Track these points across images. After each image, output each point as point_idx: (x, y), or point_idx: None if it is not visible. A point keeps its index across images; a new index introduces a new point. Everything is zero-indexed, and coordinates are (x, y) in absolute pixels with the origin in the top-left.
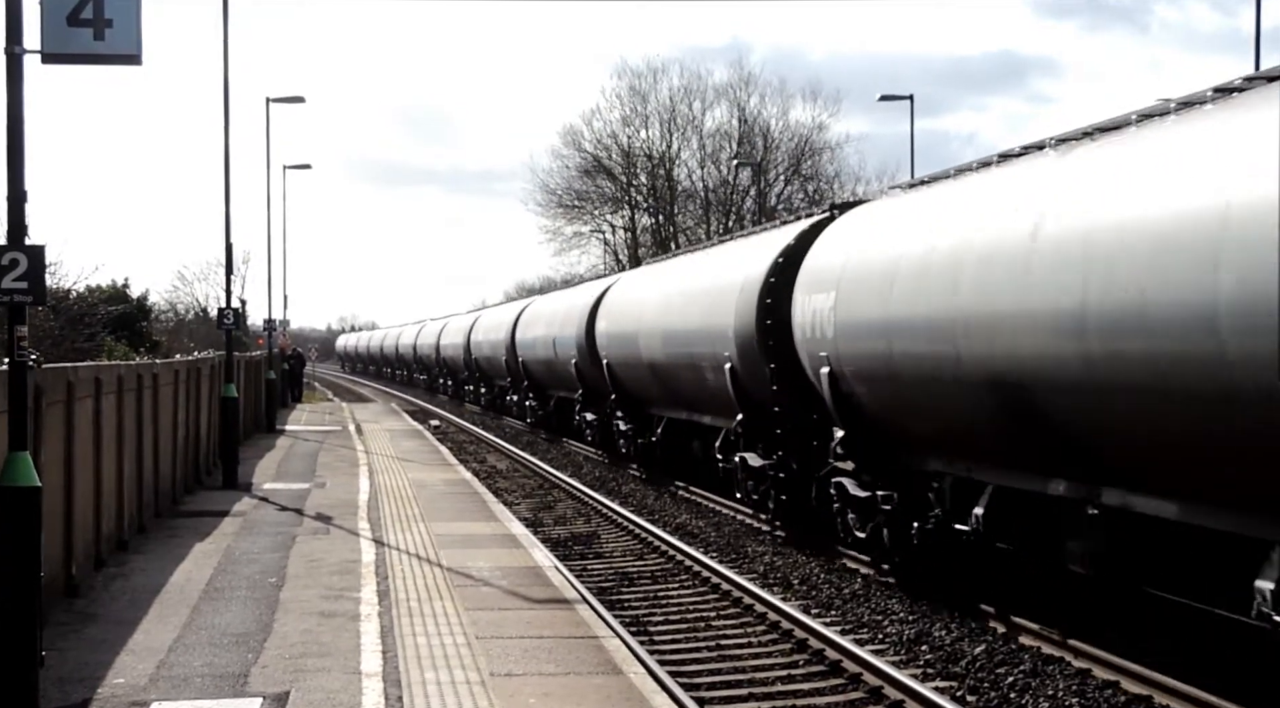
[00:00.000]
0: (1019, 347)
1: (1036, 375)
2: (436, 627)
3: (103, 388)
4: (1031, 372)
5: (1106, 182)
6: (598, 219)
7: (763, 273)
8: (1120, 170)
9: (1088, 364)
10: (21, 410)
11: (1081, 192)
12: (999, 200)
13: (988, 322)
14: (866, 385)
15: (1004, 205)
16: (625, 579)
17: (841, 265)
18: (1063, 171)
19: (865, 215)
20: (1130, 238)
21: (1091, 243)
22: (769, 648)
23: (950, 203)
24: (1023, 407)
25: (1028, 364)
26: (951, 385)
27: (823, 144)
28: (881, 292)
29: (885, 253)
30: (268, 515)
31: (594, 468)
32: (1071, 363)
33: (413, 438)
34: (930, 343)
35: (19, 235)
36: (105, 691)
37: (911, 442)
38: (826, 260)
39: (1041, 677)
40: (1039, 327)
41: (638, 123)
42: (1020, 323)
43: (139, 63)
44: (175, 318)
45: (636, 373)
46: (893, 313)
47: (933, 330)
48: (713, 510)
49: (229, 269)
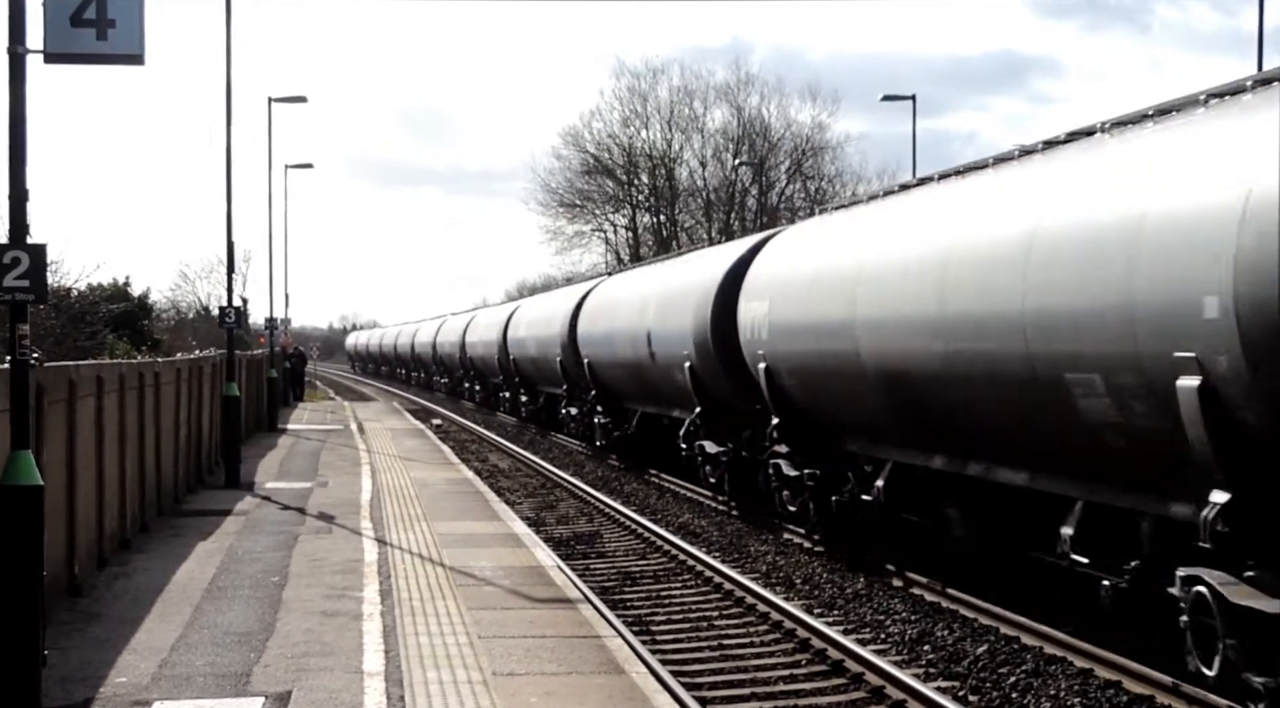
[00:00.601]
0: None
1: (915, 370)
2: (439, 626)
3: (105, 387)
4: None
5: (962, 211)
6: (599, 218)
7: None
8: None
9: (945, 360)
10: (23, 409)
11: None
12: (890, 224)
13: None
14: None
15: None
16: (628, 579)
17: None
18: (932, 201)
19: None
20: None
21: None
22: (771, 648)
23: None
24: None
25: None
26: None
27: (824, 144)
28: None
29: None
30: (270, 514)
31: (596, 467)
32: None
33: (415, 437)
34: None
35: (21, 234)
36: (108, 690)
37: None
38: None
39: (1043, 677)
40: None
41: (638, 123)
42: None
43: (142, 63)
44: (177, 316)
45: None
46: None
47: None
48: (714, 510)
49: (231, 268)
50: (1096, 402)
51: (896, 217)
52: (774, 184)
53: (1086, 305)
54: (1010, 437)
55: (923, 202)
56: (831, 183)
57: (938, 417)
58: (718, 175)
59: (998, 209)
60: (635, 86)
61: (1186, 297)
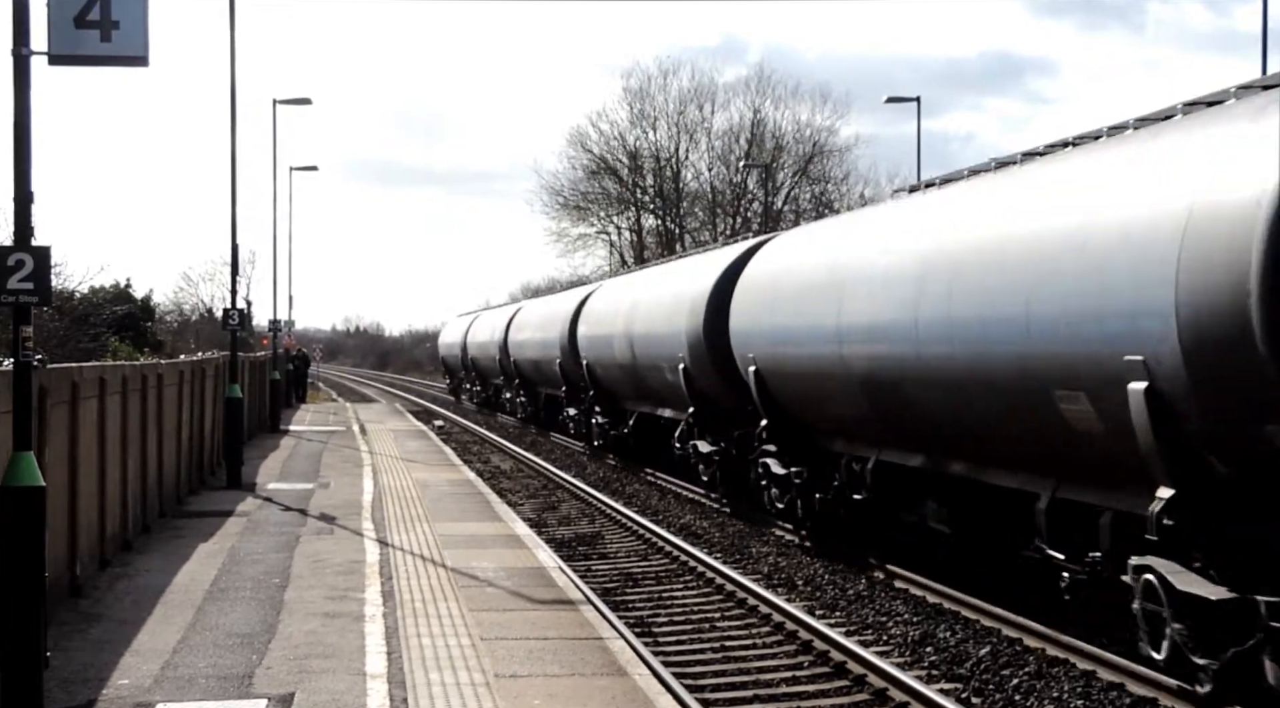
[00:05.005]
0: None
1: (895, 373)
2: (441, 628)
3: (107, 388)
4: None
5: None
6: (603, 221)
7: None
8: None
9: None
10: (26, 411)
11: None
12: (869, 232)
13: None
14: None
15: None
16: (630, 580)
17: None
18: (898, 213)
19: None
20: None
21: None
22: (774, 649)
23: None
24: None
25: (888, 364)
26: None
27: (831, 147)
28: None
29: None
30: (272, 516)
31: (598, 468)
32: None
33: (417, 438)
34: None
35: (25, 236)
36: (110, 691)
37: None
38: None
39: (1046, 679)
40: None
41: (645, 124)
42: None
43: (146, 64)
44: (181, 318)
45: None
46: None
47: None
48: (715, 511)
49: (234, 270)
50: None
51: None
52: (780, 187)
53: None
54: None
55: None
56: (839, 186)
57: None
58: (723, 178)
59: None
60: (644, 87)
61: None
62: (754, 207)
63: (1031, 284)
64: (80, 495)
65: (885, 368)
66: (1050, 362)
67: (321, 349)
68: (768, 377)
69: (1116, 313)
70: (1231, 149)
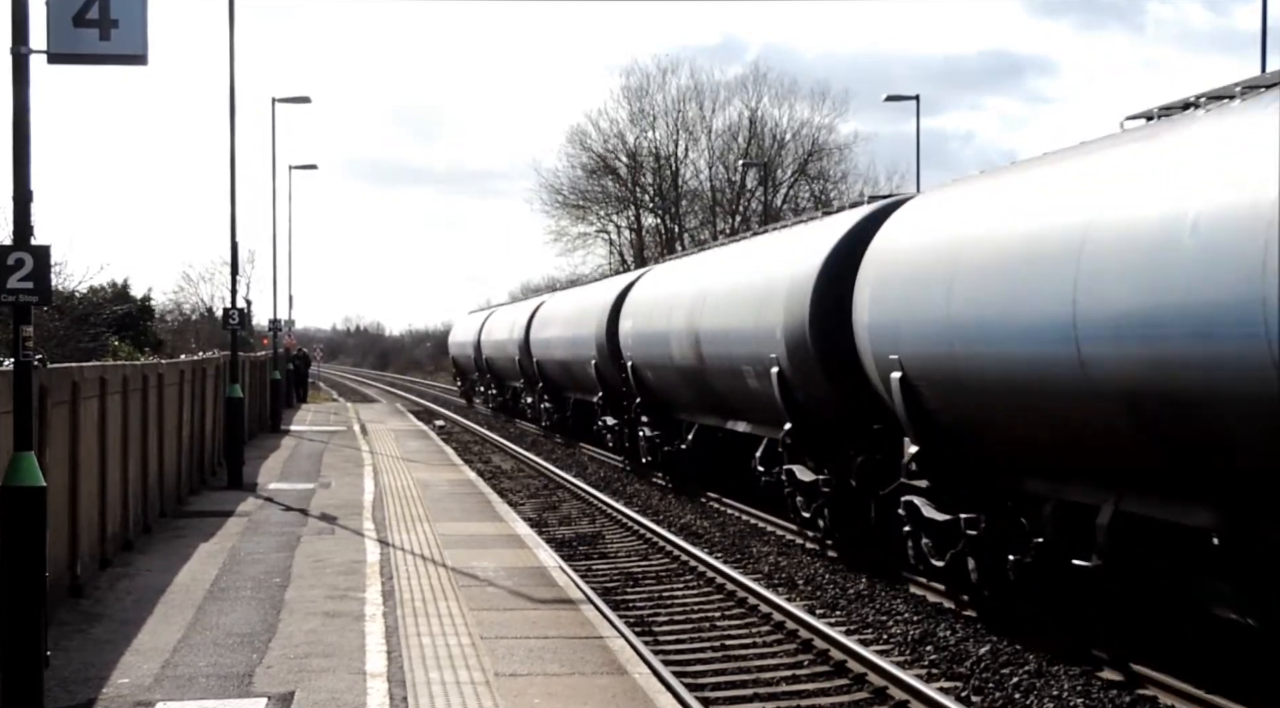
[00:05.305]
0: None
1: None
2: (441, 627)
3: (107, 388)
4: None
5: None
6: (603, 220)
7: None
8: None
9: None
10: (26, 410)
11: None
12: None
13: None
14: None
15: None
16: (630, 580)
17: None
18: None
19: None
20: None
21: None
22: (774, 648)
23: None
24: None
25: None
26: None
27: (830, 145)
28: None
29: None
30: (272, 516)
31: (599, 468)
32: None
33: (418, 438)
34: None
35: (25, 236)
36: (110, 691)
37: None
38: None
39: (1046, 677)
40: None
41: (644, 123)
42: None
43: (145, 63)
44: (181, 318)
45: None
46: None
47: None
48: (716, 511)
49: (234, 269)
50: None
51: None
52: (779, 186)
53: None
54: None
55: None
56: (837, 184)
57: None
58: (722, 176)
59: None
60: (645, 86)
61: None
62: (753, 205)
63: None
64: (81, 495)
65: (1174, 380)
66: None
67: (322, 349)
68: (922, 386)
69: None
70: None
